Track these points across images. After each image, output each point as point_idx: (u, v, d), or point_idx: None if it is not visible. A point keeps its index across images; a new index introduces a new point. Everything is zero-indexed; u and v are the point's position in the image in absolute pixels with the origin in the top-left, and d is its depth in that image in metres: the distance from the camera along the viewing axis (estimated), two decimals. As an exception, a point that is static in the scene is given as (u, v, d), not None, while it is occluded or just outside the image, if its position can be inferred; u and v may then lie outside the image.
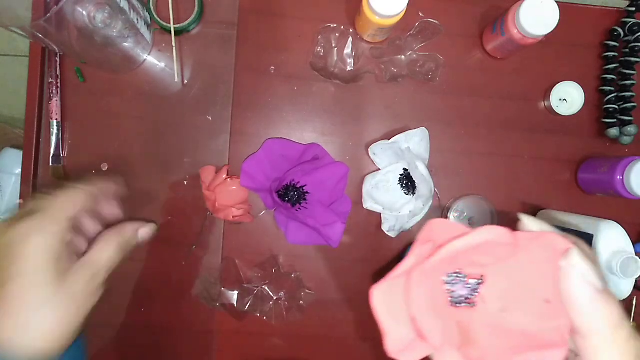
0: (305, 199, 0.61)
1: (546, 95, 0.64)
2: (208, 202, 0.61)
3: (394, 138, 0.60)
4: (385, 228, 0.62)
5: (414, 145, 0.60)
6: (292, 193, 0.60)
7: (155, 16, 0.60)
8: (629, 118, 0.62)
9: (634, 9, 0.63)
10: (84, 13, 0.49)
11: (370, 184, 0.61)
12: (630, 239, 0.51)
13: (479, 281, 0.21)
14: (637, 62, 0.63)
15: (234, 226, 0.62)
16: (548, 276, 0.20)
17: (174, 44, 0.59)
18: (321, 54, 0.61)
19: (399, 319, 0.20)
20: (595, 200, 0.64)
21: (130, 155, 0.62)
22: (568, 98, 0.63)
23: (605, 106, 0.63)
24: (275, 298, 0.61)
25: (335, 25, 0.61)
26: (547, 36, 0.55)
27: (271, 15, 0.63)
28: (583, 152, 0.65)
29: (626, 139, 0.63)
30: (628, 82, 0.63)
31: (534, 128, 0.65)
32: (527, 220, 0.22)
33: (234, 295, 0.61)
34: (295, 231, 0.60)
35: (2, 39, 1.29)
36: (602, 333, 0.19)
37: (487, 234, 0.20)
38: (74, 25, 0.49)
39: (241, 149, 0.62)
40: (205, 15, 0.62)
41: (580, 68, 0.65)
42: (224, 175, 0.60)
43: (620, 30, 0.63)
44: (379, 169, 0.62)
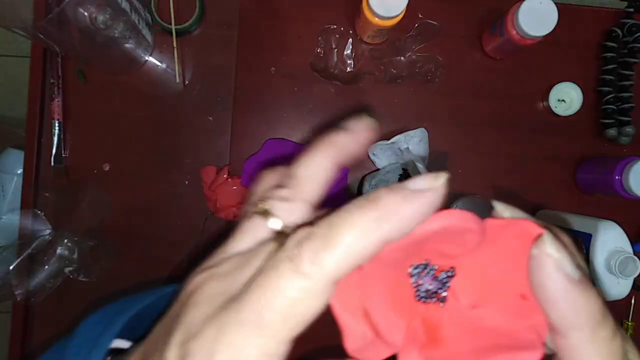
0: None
1: (545, 95, 0.64)
2: (209, 202, 0.61)
3: (393, 138, 0.60)
4: (385, 228, 0.62)
5: (413, 145, 0.60)
6: (293, 193, 0.61)
7: (157, 17, 0.60)
8: (628, 118, 0.62)
9: (632, 10, 0.63)
10: (86, 14, 0.49)
11: (369, 184, 0.62)
12: (629, 238, 0.52)
13: (449, 273, 0.19)
14: (636, 63, 0.63)
15: (235, 226, 0.63)
16: (523, 268, 0.18)
17: (175, 44, 0.59)
18: (321, 55, 0.62)
19: (357, 315, 0.18)
20: (593, 200, 0.65)
21: (131, 156, 0.62)
22: (567, 99, 0.63)
23: (604, 107, 0.63)
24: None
25: (335, 26, 0.61)
26: (546, 37, 0.55)
27: (272, 16, 0.63)
28: (582, 153, 0.65)
29: (624, 139, 0.63)
30: (626, 83, 0.63)
31: (532, 128, 0.65)
32: (500, 207, 0.19)
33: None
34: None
35: (4, 40, 1.30)
36: (582, 330, 0.16)
37: (449, 218, 0.17)
38: (76, 26, 0.49)
39: (242, 149, 0.62)
40: (206, 16, 0.62)
41: (579, 69, 0.65)
42: (225, 175, 0.60)
43: (619, 31, 0.63)
44: (379, 169, 0.62)
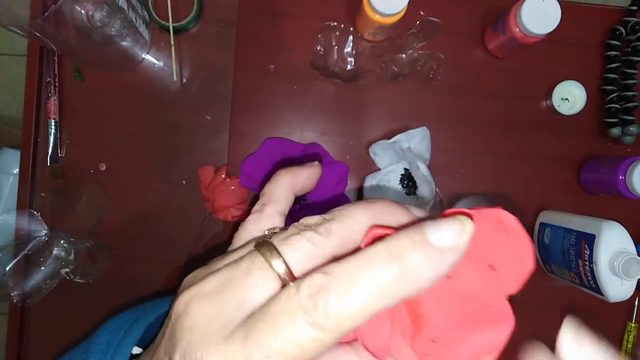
0: (305, 199, 0.61)
1: (548, 94, 0.63)
2: (207, 202, 0.60)
3: (394, 137, 0.59)
4: (385, 228, 0.61)
5: (415, 144, 0.60)
6: (292, 193, 0.60)
7: (154, 15, 0.59)
8: (631, 117, 0.62)
9: (635, 7, 0.63)
10: (82, 12, 0.49)
11: (370, 184, 0.61)
12: (633, 239, 0.51)
13: None
14: (639, 61, 0.62)
15: (233, 226, 0.62)
16: (493, 244, 0.20)
17: (172, 42, 0.58)
18: (321, 53, 0.61)
19: None
20: (597, 200, 0.64)
21: (128, 155, 0.61)
22: (570, 97, 0.63)
23: (608, 105, 0.63)
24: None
25: (335, 23, 0.61)
26: (549, 35, 0.55)
27: (271, 13, 0.62)
28: (585, 152, 0.65)
29: (628, 139, 0.62)
30: (630, 82, 0.62)
31: (535, 127, 0.64)
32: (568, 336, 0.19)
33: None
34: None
35: (0, 38, 1.29)
36: None
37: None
38: (72, 23, 0.49)
39: (240, 148, 0.62)
40: (204, 13, 0.61)
41: (582, 67, 0.64)
42: (223, 175, 0.60)
43: (622, 29, 0.63)
44: (380, 169, 0.62)
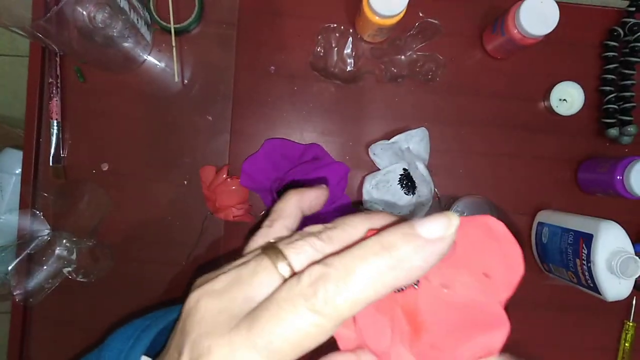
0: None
1: (546, 95, 0.64)
2: (208, 202, 0.61)
3: (394, 138, 0.60)
4: (385, 228, 0.61)
5: (414, 145, 0.60)
6: (292, 193, 0.60)
7: (155, 16, 0.60)
8: (629, 118, 0.62)
9: (634, 9, 0.63)
10: (84, 13, 0.49)
11: (370, 184, 0.61)
12: (630, 238, 0.51)
13: None
14: (637, 62, 0.63)
15: (234, 226, 0.62)
16: (485, 252, 0.20)
17: (174, 43, 0.59)
18: (321, 54, 0.61)
19: (347, 322, 0.20)
20: (595, 200, 0.64)
21: (130, 155, 0.62)
22: (568, 98, 0.63)
23: (605, 106, 0.63)
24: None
25: (335, 25, 0.61)
26: (547, 36, 0.55)
27: (271, 15, 0.63)
28: (583, 152, 0.65)
29: (626, 139, 0.63)
30: (628, 82, 0.63)
31: (533, 128, 0.65)
32: None
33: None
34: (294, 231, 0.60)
35: (2, 39, 1.29)
36: None
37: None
38: (74, 25, 0.49)
39: (241, 148, 0.62)
40: (205, 15, 0.62)
41: (580, 68, 0.65)
42: (224, 175, 0.60)
43: (620, 30, 0.63)
44: (379, 169, 0.62)
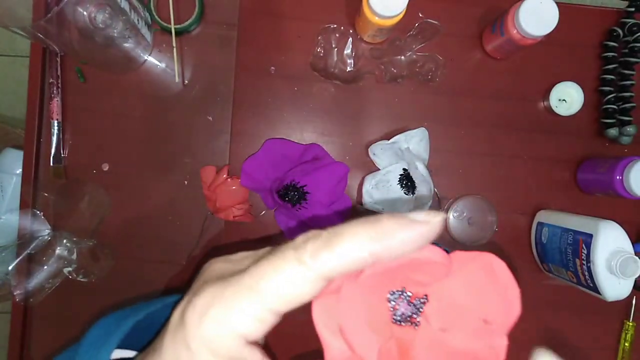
0: (305, 199, 0.61)
1: (545, 95, 0.64)
2: (208, 202, 0.61)
3: (393, 138, 0.60)
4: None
5: (413, 145, 0.60)
6: (292, 193, 0.61)
7: (156, 17, 0.60)
8: (628, 118, 0.62)
9: (633, 9, 0.63)
10: (85, 13, 0.49)
11: (370, 184, 0.61)
12: (630, 238, 0.52)
13: (423, 300, 0.21)
14: (636, 63, 0.63)
15: (235, 226, 0.63)
16: (486, 296, 0.20)
17: (174, 44, 0.59)
18: (321, 55, 0.61)
19: (336, 332, 0.21)
20: (594, 200, 0.64)
21: (130, 156, 0.62)
22: (567, 98, 0.63)
23: (605, 106, 0.63)
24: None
25: (335, 25, 0.61)
26: (547, 36, 0.55)
27: (271, 15, 0.63)
28: (582, 152, 0.65)
29: (625, 139, 0.63)
30: (627, 83, 0.63)
31: (533, 128, 0.65)
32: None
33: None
34: (295, 231, 0.60)
35: (3, 39, 1.30)
36: None
37: (421, 251, 0.20)
38: (75, 25, 0.49)
39: (241, 149, 0.62)
40: (205, 15, 0.62)
41: (580, 68, 0.65)
42: (225, 175, 0.60)
43: (620, 31, 0.63)
44: (379, 169, 0.62)
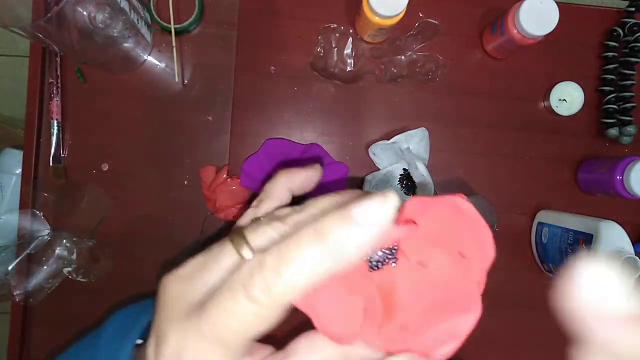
0: (305, 199, 0.61)
1: (546, 95, 0.64)
2: (208, 202, 0.61)
3: (393, 138, 0.60)
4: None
5: (413, 145, 0.60)
6: (292, 193, 0.60)
7: (156, 16, 0.60)
8: (629, 118, 0.62)
9: (633, 9, 0.63)
10: (85, 13, 0.49)
11: (370, 184, 0.61)
12: (630, 238, 0.51)
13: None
14: (637, 63, 0.63)
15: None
16: (458, 232, 0.20)
17: (174, 44, 0.59)
18: (321, 54, 0.61)
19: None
20: (595, 200, 0.64)
21: (130, 156, 0.62)
22: (568, 98, 0.63)
23: (605, 106, 0.63)
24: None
25: (335, 25, 0.61)
26: (547, 36, 0.55)
27: (271, 15, 0.63)
28: (583, 152, 0.65)
29: (626, 139, 0.63)
30: (628, 82, 0.63)
31: (533, 128, 0.65)
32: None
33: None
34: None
35: (2, 39, 1.30)
36: None
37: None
38: (75, 25, 0.49)
39: (241, 149, 0.62)
40: (205, 15, 0.62)
41: (580, 68, 0.65)
42: (224, 175, 0.60)
43: (620, 31, 0.63)
44: (379, 169, 0.62)
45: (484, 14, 0.64)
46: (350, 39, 0.61)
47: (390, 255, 0.21)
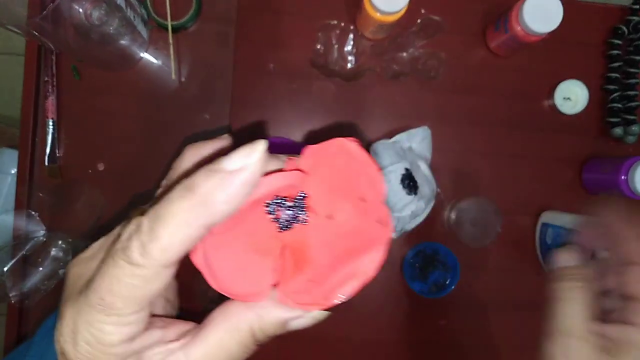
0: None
1: (550, 93, 0.63)
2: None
3: (395, 137, 0.59)
4: (386, 228, 0.61)
5: (416, 144, 0.59)
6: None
7: (152, 13, 0.59)
8: (634, 117, 0.61)
9: (638, 7, 0.62)
10: (81, 10, 0.49)
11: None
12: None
13: (300, 196, 0.21)
14: (642, 60, 0.62)
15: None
16: (353, 177, 0.21)
17: (171, 41, 0.58)
18: (321, 52, 0.60)
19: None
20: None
21: (126, 154, 0.61)
22: (572, 96, 0.63)
23: (610, 105, 0.62)
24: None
25: (335, 22, 0.60)
26: (551, 34, 0.54)
27: (270, 11, 0.62)
28: (587, 152, 0.64)
29: (631, 138, 0.62)
30: (632, 81, 0.62)
31: (537, 127, 0.64)
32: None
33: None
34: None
35: (-2, 37, 1.28)
36: None
37: (267, 184, 0.20)
38: (71, 22, 0.48)
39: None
40: (202, 12, 0.61)
41: (584, 66, 0.64)
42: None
43: (625, 28, 0.62)
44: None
45: (487, 10, 0.63)
46: (351, 35, 0.60)
47: (299, 214, 0.21)
